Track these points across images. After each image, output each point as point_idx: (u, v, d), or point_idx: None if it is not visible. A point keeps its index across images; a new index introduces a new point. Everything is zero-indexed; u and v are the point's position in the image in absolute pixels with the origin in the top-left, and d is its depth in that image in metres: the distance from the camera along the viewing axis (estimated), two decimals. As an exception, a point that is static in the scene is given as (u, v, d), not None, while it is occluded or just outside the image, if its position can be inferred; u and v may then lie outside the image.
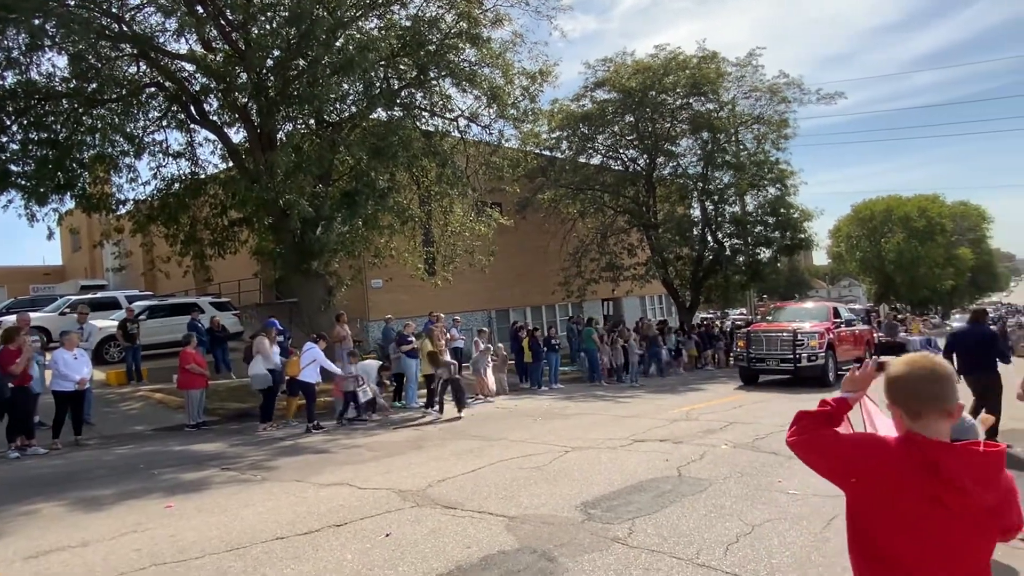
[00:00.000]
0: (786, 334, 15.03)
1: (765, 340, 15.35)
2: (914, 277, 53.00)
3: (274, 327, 11.85)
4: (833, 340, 15.20)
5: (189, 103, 14.37)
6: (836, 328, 15.80)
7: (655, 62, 24.42)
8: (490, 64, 14.93)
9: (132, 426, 10.97)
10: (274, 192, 12.33)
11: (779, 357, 15.00)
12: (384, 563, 4.34)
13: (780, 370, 15.16)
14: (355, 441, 9.39)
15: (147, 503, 6.08)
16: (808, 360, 14.64)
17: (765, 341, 15.34)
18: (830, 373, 14.77)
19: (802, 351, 14.70)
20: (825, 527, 4.94)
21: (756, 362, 15.43)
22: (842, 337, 16.07)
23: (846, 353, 16.10)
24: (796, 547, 4.55)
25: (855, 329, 17.44)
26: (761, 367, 15.48)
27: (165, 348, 16.62)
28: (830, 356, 14.86)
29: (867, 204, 58.52)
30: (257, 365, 10.88)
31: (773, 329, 15.67)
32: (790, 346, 14.84)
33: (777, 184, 26.26)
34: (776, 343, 15.13)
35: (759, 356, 15.37)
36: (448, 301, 19.93)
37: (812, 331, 14.93)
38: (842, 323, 16.48)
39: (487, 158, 16.86)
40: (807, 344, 14.70)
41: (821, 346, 14.67)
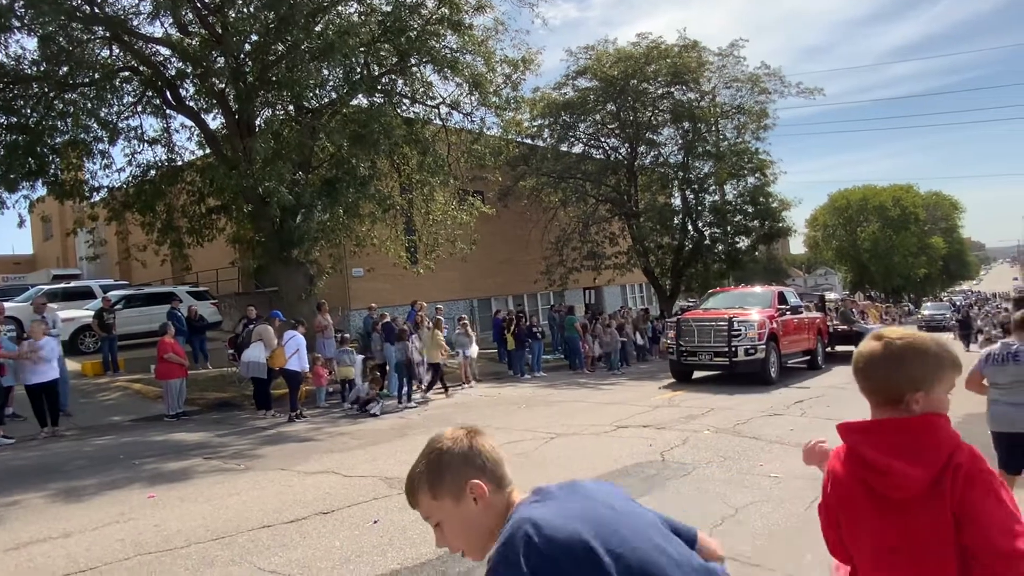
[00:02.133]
0: (721, 323, 12.98)
1: (697, 330, 13.26)
2: (888, 265, 53.98)
3: (278, 317, 11.83)
4: (776, 330, 13.31)
5: (165, 88, 14.06)
6: (780, 316, 13.77)
7: (637, 51, 24.41)
8: (472, 51, 14.80)
9: (110, 416, 10.80)
10: (253, 179, 12.14)
11: (712, 350, 12.97)
12: (373, 549, 4.35)
13: (714, 365, 13.24)
14: (340, 429, 9.36)
15: (129, 493, 6.01)
16: (746, 353, 12.62)
17: (697, 331, 13.25)
18: (772, 368, 12.91)
19: (739, 343, 12.68)
20: (807, 508, 5.04)
21: (687, 356, 13.38)
22: (788, 326, 14.09)
23: (793, 345, 14.37)
24: (780, 528, 4.64)
25: (804, 317, 15.38)
26: (693, 361, 13.42)
27: (142, 338, 16.37)
28: (772, 349, 12.97)
29: (843, 193, 59.34)
30: (255, 352, 10.76)
31: (707, 317, 13.60)
32: (725, 337, 12.81)
33: (756, 174, 26.47)
34: (709, 333, 13.07)
35: (690, 349, 13.30)
36: (429, 290, 19.86)
37: (751, 319, 12.94)
38: (787, 310, 14.28)
39: (469, 146, 16.75)
40: (745, 335, 12.71)
41: (761, 337, 12.71)
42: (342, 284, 20.12)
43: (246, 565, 4.14)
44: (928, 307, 43.09)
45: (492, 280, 24.77)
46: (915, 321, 41.14)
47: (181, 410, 10.79)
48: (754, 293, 15.25)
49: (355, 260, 19.11)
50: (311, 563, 4.15)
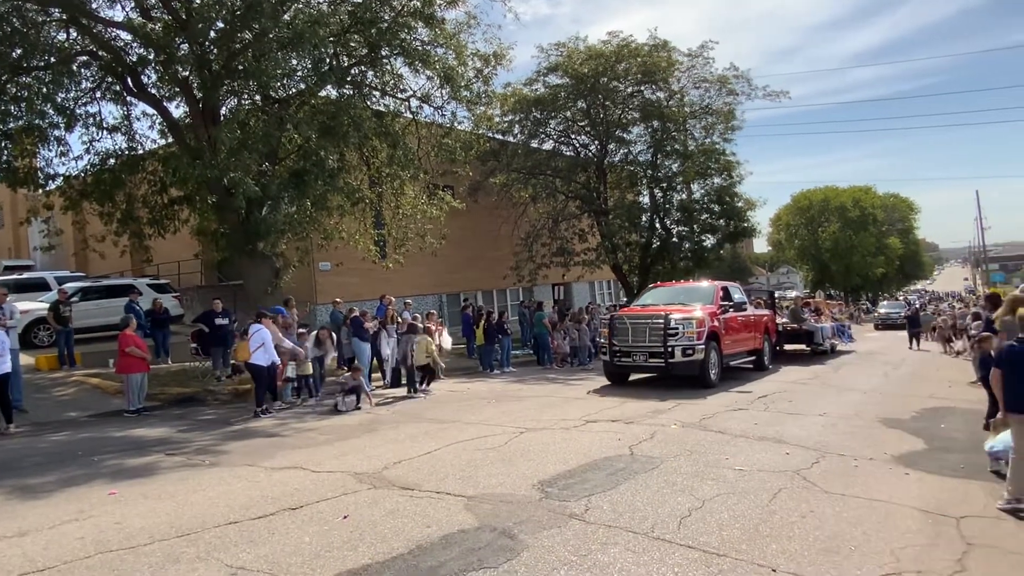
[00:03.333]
0: (657, 321, 11.97)
1: (632, 329, 12.19)
2: (848, 265, 55.41)
3: (281, 313, 11.77)
4: (718, 328, 12.43)
5: (125, 74, 13.62)
6: (723, 313, 12.94)
7: (607, 48, 24.57)
8: (443, 45, 14.68)
9: (66, 412, 10.47)
10: (217, 170, 11.86)
11: (648, 350, 11.94)
12: (343, 544, 4.31)
13: (649, 367, 12.23)
14: (307, 425, 9.24)
15: (89, 490, 5.84)
16: (683, 354, 11.62)
17: (631, 330, 12.19)
18: (712, 371, 11.96)
19: (676, 342, 11.69)
20: (771, 500, 5.17)
21: (621, 356, 12.29)
22: (731, 324, 13.19)
23: (736, 345, 13.51)
24: (745, 519, 4.74)
25: (750, 315, 14.51)
26: (627, 363, 12.32)
27: (100, 332, 15.90)
28: (713, 349, 12.08)
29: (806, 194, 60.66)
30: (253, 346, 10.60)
31: (642, 315, 12.56)
32: (660, 336, 11.80)
33: (723, 174, 26.88)
34: (644, 332, 12.03)
35: (624, 349, 12.22)
36: (398, 285, 19.72)
37: (689, 317, 11.98)
38: (731, 307, 13.45)
39: (439, 140, 16.64)
40: (682, 334, 11.73)
41: (700, 336, 11.73)
42: (309, 278, 19.85)
43: (213, 562, 4.06)
44: (884, 306, 43.78)
45: (462, 275, 24.72)
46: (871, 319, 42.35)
47: (142, 406, 10.52)
48: (696, 288, 14.36)
49: (322, 254, 18.86)
50: (280, 559, 4.09)
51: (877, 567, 3.93)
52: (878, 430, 8.12)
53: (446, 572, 3.86)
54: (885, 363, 17.26)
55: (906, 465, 6.35)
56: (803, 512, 4.90)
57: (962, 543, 4.33)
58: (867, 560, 4.03)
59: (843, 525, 4.64)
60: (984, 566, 3.97)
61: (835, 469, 6.14)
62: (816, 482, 5.67)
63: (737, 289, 15.10)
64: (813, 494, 5.34)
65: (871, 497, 5.29)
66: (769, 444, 7.17)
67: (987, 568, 3.94)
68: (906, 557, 4.09)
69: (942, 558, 4.08)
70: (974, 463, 6.17)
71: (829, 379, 13.51)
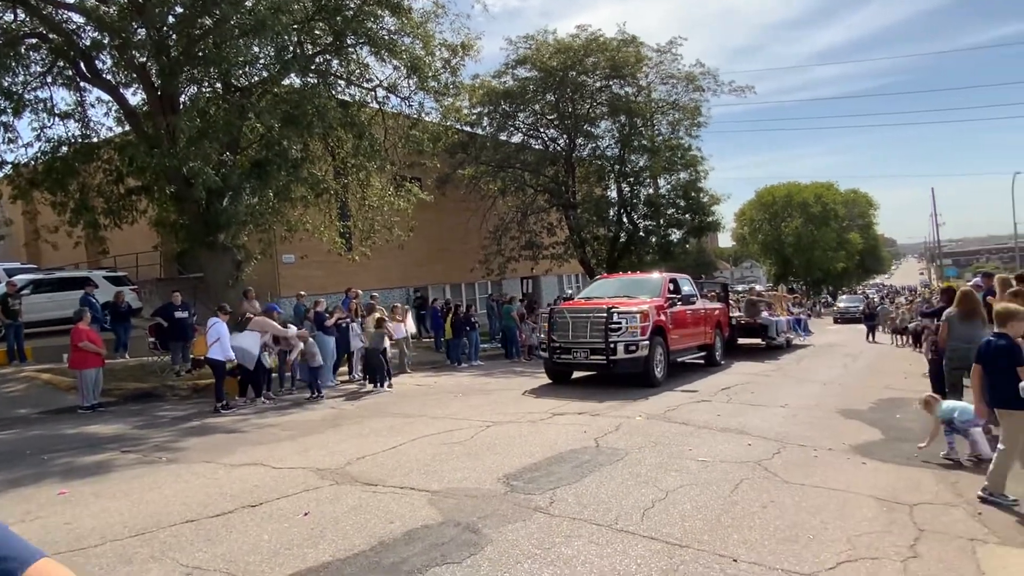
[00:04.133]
0: (598, 315, 11.20)
1: (572, 323, 11.42)
2: (810, 259, 56.61)
3: (275, 310, 11.69)
4: (664, 322, 11.80)
5: (78, 59, 13.12)
6: (671, 306, 12.30)
7: (576, 42, 24.60)
8: (410, 34, 14.49)
9: (15, 409, 10.08)
10: (176, 159, 11.53)
11: (589, 346, 11.19)
12: (304, 541, 4.22)
13: (590, 364, 11.41)
14: (268, 421, 9.06)
15: (37, 490, 5.62)
16: (626, 350, 10.90)
17: (572, 324, 11.41)
18: (657, 368, 11.32)
19: (618, 338, 10.96)
20: (733, 491, 5.24)
21: (561, 353, 11.51)
22: (679, 318, 12.59)
23: (685, 339, 12.89)
24: (707, 510, 4.79)
25: (700, 308, 13.85)
26: (567, 360, 11.53)
27: (52, 326, 15.35)
28: (658, 344, 11.45)
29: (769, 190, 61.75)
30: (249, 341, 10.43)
31: (583, 308, 11.81)
32: (602, 331, 11.05)
33: (689, 169, 27.25)
34: (586, 327, 11.26)
35: (564, 345, 11.44)
36: (365, 278, 19.49)
37: (633, 310, 11.21)
38: (678, 300, 12.76)
39: (406, 131, 16.44)
40: (625, 328, 11.00)
41: (645, 331, 11.03)
42: (272, 271, 19.49)
43: (167, 561, 3.94)
44: (843, 300, 44.00)
45: (429, 268, 24.55)
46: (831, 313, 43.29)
47: (97, 402, 10.19)
48: (643, 281, 13.53)
49: (286, 246, 18.52)
50: (238, 557, 3.99)
51: (834, 554, 4.00)
52: (837, 421, 8.31)
53: (408, 568, 3.81)
54: (844, 355, 17.71)
55: (863, 455, 6.50)
56: (764, 502, 4.97)
57: (915, 529, 4.45)
58: (825, 548, 4.11)
59: (802, 514, 4.72)
60: (935, 551, 4.08)
61: (795, 459, 6.25)
62: (777, 472, 5.77)
63: (687, 281, 14.21)
64: (774, 484, 5.43)
65: (830, 486, 5.39)
66: (732, 435, 7.28)
67: (938, 553, 4.05)
68: (862, 544, 4.18)
69: (895, 544, 4.18)
70: (927, 451, 6.34)
71: (790, 371, 13.80)
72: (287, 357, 11.69)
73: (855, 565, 3.87)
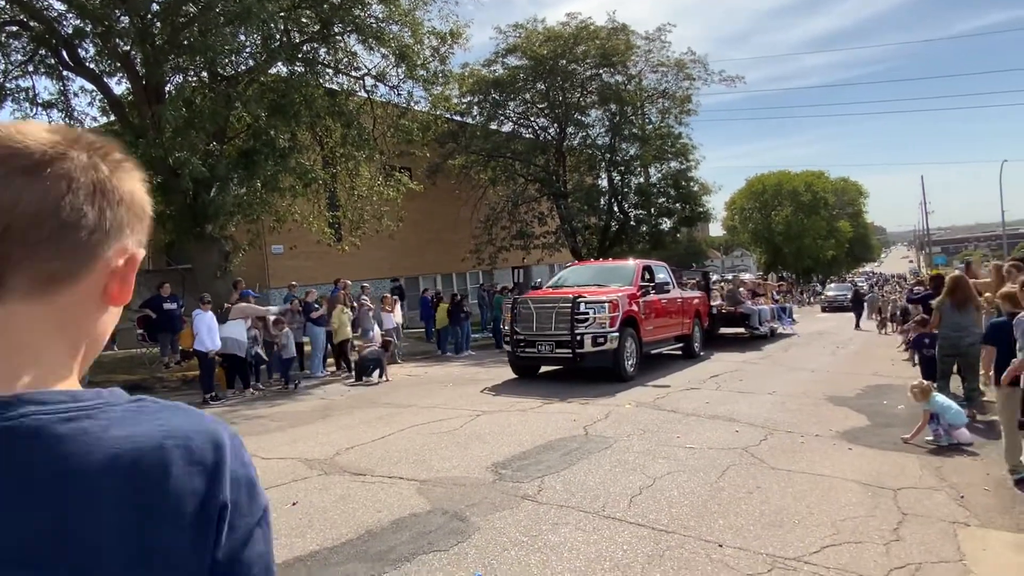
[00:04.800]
0: (563, 305, 10.56)
1: (536, 314, 10.76)
2: (800, 247, 56.90)
3: (250, 295, 11.76)
4: (636, 313, 11.06)
5: (60, 47, 12.94)
6: (644, 295, 11.58)
7: (566, 31, 24.49)
8: (398, 21, 14.37)
9: None
10: (162, 149, 11.43)
11: (555, 339, 10.50)
12: (291, 531, 4.22)
13: (556, 358, 10.76)
14: (257, 412, 9.04)
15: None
16: (594, 343, 10.22)
17: (536, 315, 10.75)
18: (628, 362, 10.61)
19: (585, 329, 10.27)
20: (720, 477, 5.27)
21: (524, 347, 10.84)
22: (653, 308, 11.81)
23: (660, 331, 12.18)
24: (694, 496, 4.82)
25: (676, 297, 13.13)
26: (531, 354, 10.83)
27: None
28: (630, 336, 10.75)
29: (760, 179, 61.91)
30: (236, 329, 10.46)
31: (547, 298, 11.26)
32: (568, 322, 10.36)
33: (679, 158, 27.27)
34: (550, 318, 10.59)
35: (528, 338, 10.78)
36: (355, 268, 19.41)
37: (602, 299, 10.51)
38: (651, 288, 12.00)
39: (395, 120, 16.34)
40: (593, 319, 10.31)
41: (614, 322, 10.31)
42: (261, 261, 19.37)
43: (152, 553, 3.93)
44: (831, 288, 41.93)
45: (420, 259, 24.49)
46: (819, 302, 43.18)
47: (84, 394, 10.13)
48: (615, 268, 12.88)
49: (275, 237, 18.40)
50: (224, 548, 3.99)
51: (818, 539, 4.04)
52: (825, 407, 8.37)
53: (396, 556, 3.82)
54: (833, 343, 17.83)
55: (850, 440, 6.55)
56: (750, 488, 5.01)
57: (898, 513, 4.50)
58: (809, 533, 4.15)
59: (788, 500, 4.76)
60: (918, 534, 4.13)
61: (782, 446, 6.30)
62: (764, 459, 5.81)
63: (663, 269, 13.37)
64: (761, 470, 5.47)
65: (816, 472, 5.44)
66: (720, 422, 7.32)
67: (920, 536, 4.10)
68: (846, 528, 4.22)
69: (879, 528, 4.23)
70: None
71: (779, 359, 13.89)
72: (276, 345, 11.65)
73: (839, 549, 3.91)
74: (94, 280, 0.66)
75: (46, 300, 0.63)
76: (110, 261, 0.67)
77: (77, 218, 0.63)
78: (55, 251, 0.62)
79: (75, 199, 0.63)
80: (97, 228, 0.65)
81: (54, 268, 0.63)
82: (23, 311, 0.62)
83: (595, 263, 14.05)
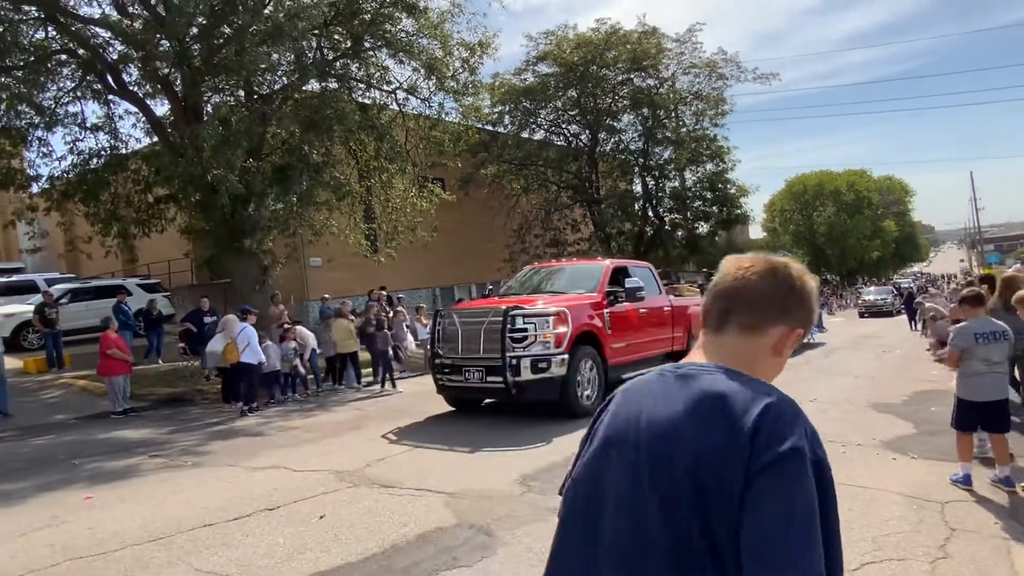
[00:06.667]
0: (494, 319, 8.09)
1: (462, 332, 8.39)
2: (844, 249, 55.38)
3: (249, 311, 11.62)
4: (598, 327, 8.62)
5: (106, 72, 13.44)
6: (611, 304, 9.03)
7: (597, 36, 24.41)
8: (428, 35, 14.53)
9: (52, 415, 10.38)
10: (201, 167, 11.74)
11: (484, 364, 8.06)
12: (317, 545, 4.24)
13: (486, 389, 8.29)
14: (291, 423, 9.16)
15: (66, 495, 5.76)
16: (534, 369, 7.79)
17: (462, 333, 8.38)
18: (584, 391, 8.20)
19: (522, 351, 7.86)
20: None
21: (448, 372, 8.52)
22: (625, 320, 9.27)
23: (638, 348, 9.57)
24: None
25: (664, 305, 10.58)
26: (457, 383, 8.46)
27: (90, 333, 15.78)
28: (588, 358, 8.33)
29: (800, 179, 60.54)
30: (218, 343, 10.57)
31: (476, 311, 8.78)
32: (498, 343, 7.93)
33: (715, 160, 26.83)
34: (477, 337, 8.18)
35: (453, 362, 8.43)
36: (390, 279, 19.59)
37: (546, 311, 8.13)
38: (621, 294, 9.16)
39: (427, 132, 16.50)
40: (533, 337, 7.89)
41: (561, 340, 7.89)
42: (300, 274, 19.74)
43: (182, 566, 3.99)
44: (870, 292, 37.59)
45: (455, 268, 24.61)
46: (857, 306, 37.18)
47: (129, 406, 10.43)
48: (577, 270, 10.35)
49: (313, 249, 18.73)
50: (251, 561, 4.02)
51: (858, 556, 3.86)
52: (869, 415, 8.06)
53: (420, 571, 3.79)
54: (878, 347, 17.23)
55: (894, 450, 6.28)
56: (787, 501, 4.82)
57: (945, 528, 4.27)
58: (848, 549, 3.93)
59: (826, 513, 4.57)
60: (967, 551, 3.91)
61: (822, 456, 6.06)
62: (802, 470, 5.59)
63: (644, 271, 10.74)
64: (798, 482, 5.27)
65: (857, 484, 5.22)
66: (757, 432, 7.09)
67: (970, 553, 3.88)
68: (888, 544, 4.02)
69: (924, 544, 4.02)
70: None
71: (820, 365, 13.46)
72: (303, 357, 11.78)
73: (880, 567, 3.73)
74: (768, 338, 1.22)
75: (744, 338, 1.23)
76: (778, 331, 1.22)
77: (768, 299, 1.22)
78: (755, 315, 1.22)
79: (772, 289, 1.22)
80: (776, 307, 1.22)
81: (750, 322, 1.22)
82: (733, 341, 1.23)
83: (557, 264, 11.30)
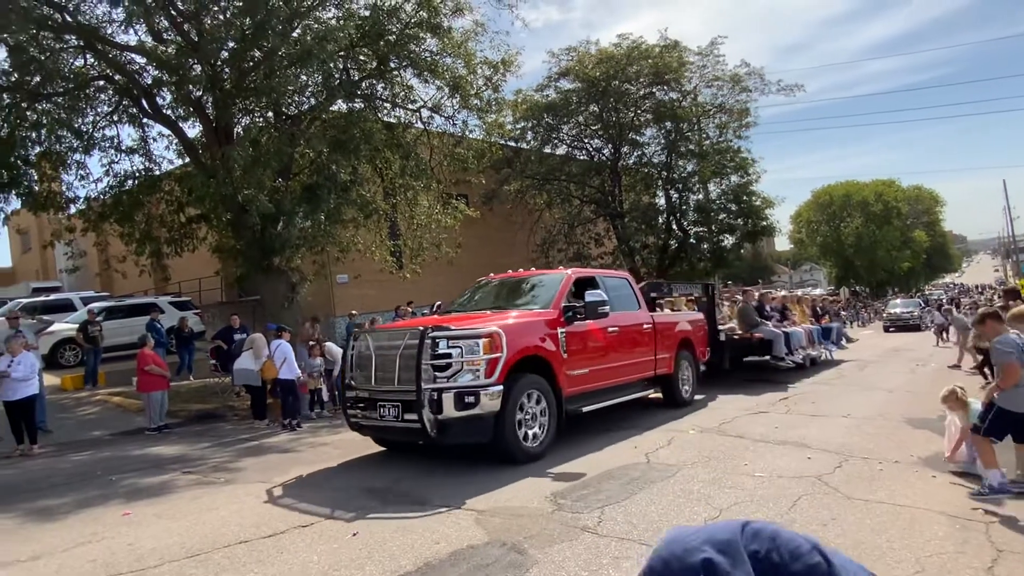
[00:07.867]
0: (409, 342, 6.65)
1: (376, 357, 6.97)
2: (872, 260, 54.47)
3: (272, 330, 11.83)
4: (550, 351, 7.21)
5: (141, 97, 13.88)
6: (569, 322, 7.57)
7: (618, 51, 24.51)
8: (452, 54, 14.75)
9: (90, 431, 10.62)
10: (232, 187, 12.01)
11: (399, 397, 6.63)
12: (351, 563, 4.26)
13: (400, 428, 6.71)
14: (321, 440, 9.24)
15: (104, 511, 5.88)
16: (459, 405, 6.30)
17: (376, 360, 6.96)
18: (530, 431, 6.86)
19: (445, 382, 6.42)
20: (791, 508, 5.02)
21: (363, 408, 7.05)
22: (588, 340, 7.89)
23: (606, 375, 8.22)
24: (762, 529, 4.59)
25: (643, 322, 9.22)
26: (371, 420, 6.98)
27: (123, 350, 16.14)
28: (534, 389, 6.92)
29: (826, 190, 59.82)
30: (246, 361, 10.73)
31: (392, 332, 7.37)
32: (412, 372, 6.48)
33: (739, 172, 26.67)
34: (393, 364, 6.76)
35: (365, 394, 7.04)
36: (416, 295, 19.72)
37: (475, 331, 6.62)
38: (580, 309, 7.72)
39: (451, 149, 16.71)
40: (459, 365, 6.45)
41: (493, 368, 6.43)
42: (327, 291, 19.97)
43: (220, 583, 4.04)
44: (896, 304, 34.86)
45: (479, 283, 24.69)
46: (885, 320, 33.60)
47: (163, 423, 10.62)
48: (531, 281, 8.86)
49: (340, 267, 18.97)
50: (287, 579, 4.06)
51: (901, 577, 3.77)
52: (904, 431, 7.88)
53: (453, 590, 3.78)
54: (912, 360, 16.85)
55: (933, 467, 6.13)
56: (824, 520, 4.74)
57: (992, 549, 4.15)
58: (891, 570, 3.88)
59: (866, 533, 4.48)
60: (1016, 574, 3.79)
61: (858, 473, 5.95)
62: (838, 488, 5.50)
63: (621, 281, 9.62)
64: (835, 500, 5.18)
65: (896, 502, 5.10)
66: (790, 448, 7.00)
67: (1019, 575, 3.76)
68: (932, 565, 3.92)
69: (970, 565, 3.91)
70: (1006, 462, 5.93)
71: (854, 379, 13.21)
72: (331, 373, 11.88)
73: (924, 589, 3.63)
74: None
75: None
76: None
77: None
78: None
79: None
80: None
81: None
82: None
83: (513, 275, 9.55)
